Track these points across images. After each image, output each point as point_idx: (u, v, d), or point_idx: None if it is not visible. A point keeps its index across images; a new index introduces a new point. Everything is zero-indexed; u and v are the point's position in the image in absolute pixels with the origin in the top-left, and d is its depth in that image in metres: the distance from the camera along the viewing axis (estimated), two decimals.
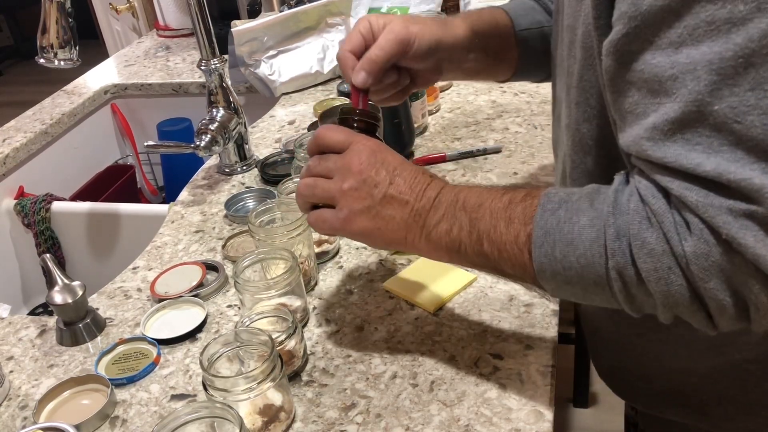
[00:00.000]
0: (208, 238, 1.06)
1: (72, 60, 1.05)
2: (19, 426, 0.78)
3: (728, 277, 0.50)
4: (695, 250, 0.50)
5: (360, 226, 0.68)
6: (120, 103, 1.73)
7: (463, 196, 0.65)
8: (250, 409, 0.70)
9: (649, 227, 0.52)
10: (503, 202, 0.62)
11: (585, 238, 0.56)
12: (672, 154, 0.50)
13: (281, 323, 0.77)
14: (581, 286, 0.58)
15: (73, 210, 1.35)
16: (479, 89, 1.40)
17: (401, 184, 0.67)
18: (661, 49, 0.50)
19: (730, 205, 0.48)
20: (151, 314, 0.90)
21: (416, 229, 0.67)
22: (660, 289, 0.52)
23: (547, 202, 0.59)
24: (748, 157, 0.47)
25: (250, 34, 1.44)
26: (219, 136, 1.16)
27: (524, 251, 0.60)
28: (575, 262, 0.56)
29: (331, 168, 0.69)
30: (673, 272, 0.51)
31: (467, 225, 0.64)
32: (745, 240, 0.48)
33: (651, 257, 0.52)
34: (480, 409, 0.72)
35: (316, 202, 0.71)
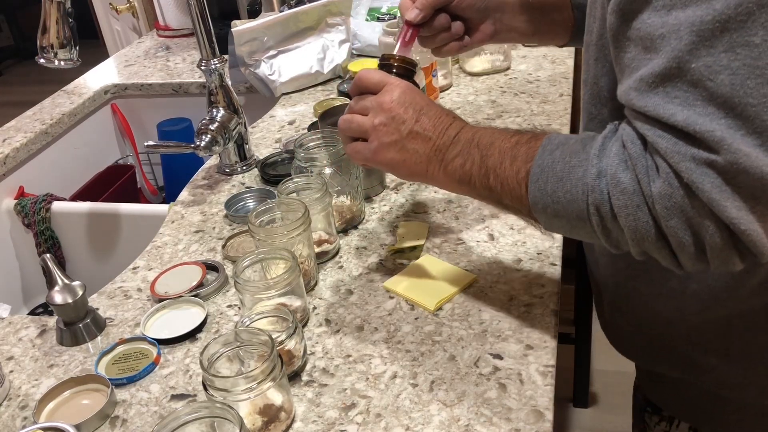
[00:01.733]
0: (208, 238, 1.06)
1: (72, 60, 1.05)
2: (19, 426, 0.78)
3: (688, 218, 0.55)
4: (660, 191, 0.55)
5: (388, 157, 0.75)
6: (120, 103, 1.73)
7: (479, 135, 0.72)
8: (250, 409, 0.70)
9: (625, 169, 0.58)
10: (511, 143, 0.69)
11: (572, 176, 0.62)
12: (652, 104, 0.55)
13: (281, 323, 0.78)
14: (567, 219, 0.64)
15: (73, 210, 1.35)
16: (479, 89, 1.40)
17: (426, 122, 0.74)
18: (656, 10, 0.55)
19: (694, 153, 0.53)
20: (151, 314, 0.90)
21: (436, 163, 0.74)
22: (629, 225, 0.58)
23: (548, 144, 0.66)
24: (717, 112, 0.52)
25: (250, 34, 1.44)
26: (219, 136, 1.16)
27: (522, 185, 0.66)
28: (562, 197, 0.63)
29: (366, 106, 0.77)
30: (641, 210, 0.57)
31: (478, 160, 0.70)
32: (703, 185, 0.53)
33: (623, 195, 0.58)
34: (480, 409, 0.72)
35: (353, 136, 0.78)
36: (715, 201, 0.53)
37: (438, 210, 1.04)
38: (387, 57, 0.84)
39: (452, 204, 1.05)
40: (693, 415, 0.84)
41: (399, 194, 1.09)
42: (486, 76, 1.45)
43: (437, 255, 0.95)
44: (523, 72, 1.46)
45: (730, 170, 0.52)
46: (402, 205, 1.06)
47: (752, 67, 0.51)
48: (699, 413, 0.84)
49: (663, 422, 0.88)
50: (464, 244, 0.96)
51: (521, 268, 0.91)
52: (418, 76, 1.20)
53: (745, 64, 0.51)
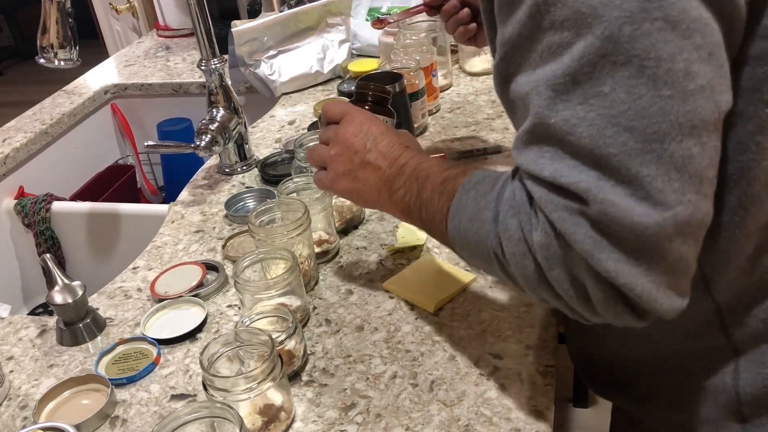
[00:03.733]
0: (208, 238, 1.06)
1: (72, 60, 1.05)
2: (19, 426, 0.78)
3: (569, 268, 0.54)
4: (540, 240, 0.55)
5: (343, 185, 0.79)
6: (120, 103, 1.73)
7: (420, 167, 0.73)
8: (250, 409, 0.70)
9: (513, 215, 0.58)
10: (442, 177, 0.70)
11: (480, 217, 0.63)
12: (526, 159, 0.56)
13: (281, 323, 0.78)
14: (480, 258, 0.65)
15: (73, 210, 1.36)
16: (479, 89, 1.40)
17: (377, 153, 0.76)
18: (525, 71, 0.56)
19: (566, 204, 0.53)
20: (151, 314, 0.90)
21: (385, 192, 0.76)
22: (519, 272, 0.59)
23: (467, 182, 0.66)
24: (582, 165, 0.52)
25: (250, 34, 1.44)
26: (219, 136, 1.16)
27: (443, 222, 0.68)
28: (472, 237, 0.64)
29: (330, 136, 0.80)
30: (527, 258, 0.57)
31: (415, 193, 0.72)
32: (575, 235, 0.52)
33: (510, 242, 0.58)
34: (480, 409, 0.72)
35: (316, 166, 0.82)
36: (589, 252, 0.52)
37: None
38: (362, 85, 0.89)
39: None
40: None
41: None
42: (486, 76, 1.45)
43: (437, 255, 0.95)
44: None
45: (601, 220, 0.51)
46: None
47: (607, 116, 0.50)
48: None
49: None
50: None
51: None
52: (418, 76, 1.21)
53: (600, 114, 0.51)
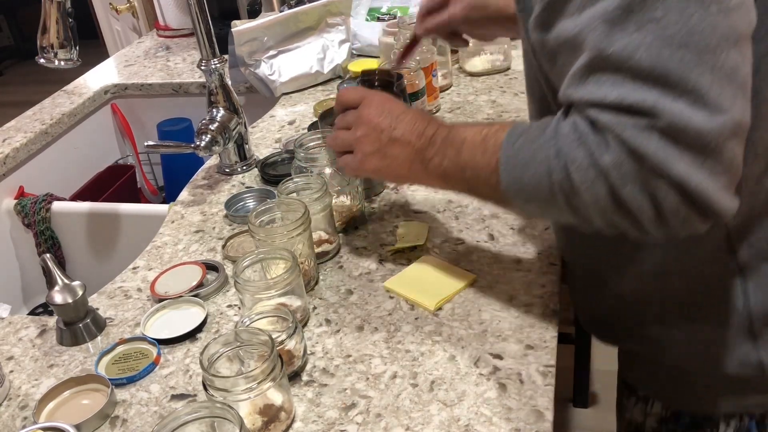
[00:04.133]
0: (208, 238, 1.06)
1: (72, 60, 1.05)
2: (19, 426, 0.78)
3: (641, 182, 0.58)
4: (612, 161, 0.59)
5: (372, 165, 0.82)
6: (120, 103, 1.73)
7: (453, 133, 0.76)
8: (250, 409, 0.70)
9: (577, 146, 0.61)
10: (481, 136, 0.72)
11: (536, 160, 0.65)
12: (587, 92, 0.60)
13: (281, 323, 0.77)
14: (537, 202, 0.67)
15: (73, 210, 1.35)
16: (479, 89, 1.40)
17: (403, 128, 0.79)
18: (569, 16, 0.61)
19: (635, 122, 0.57)
20: (151, 314, 0.90)
21: (417, 164, 0.78)
22: (590, 198, 0.61)
23: (512, 133, 0.69)
24: (644, 85, 0.57)
25: (250, 34, 1.44)
26: (219, 136, 1.16)
27: (494, 174, 0.70)
28: (529, 181, 0.66)
29: (349, 121, 0.84)
30: (598, 182, 0.60)
31: (454, 157, 0.75)
32: (648, 148, 0.57)
33: (580, 171, 0.61)
34: (480, 409, 0.72)
35: (340, 151, 0.85)
36: (661, 161, 0.56)
37: (438, 210, 1.04)
38: (367, 72, 0.96)
39: (452, 204, 1.05)
40: (664, 393, 0.87)
41: (399, 194, 1.09)
42: (486, 76, 1.45)
43: (437, 255, 0.95)
44: (523, 72, 1.45)
45: (669, 131, 0.56)
46: (402, 205, 1.06)
47: (663, 38, 0.56)
48: (670, 391, 0.86)
49: (639, 403, 0.90)
50: (464, 244, 0.96)
51: (521, 268, 0.91)
52: (418, 76, 1.21)
53: (656, 37, 0.56)
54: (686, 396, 0.84)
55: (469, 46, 1.16)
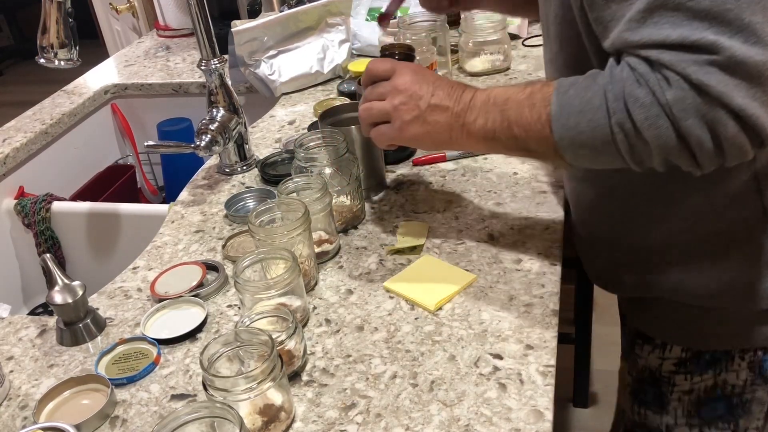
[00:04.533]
0: (208, 238, 1.06)
1: (72, 60, 1.05)
2: (19, 426, 0.78)
3: (702, 114, 0.63)
4: (675, 96, 0.63)
5: (413, 132, 0.82)
6: (120, 103, 1.73)
7: (493, 95, 0.79)
8: (250, 409, 0.70)
9: (638, 86, 0.65)
10: (526, 93, 0.75)
11: (592, 106, 0.69)
12: (647, 34, 0.64)
13: (281, 323, 0.78)
14: (592, 147, 0.70)
15: (73, 210, 1.35)
16: None
17: (441, 94, 0.81)
18: None
19: (695, 59, 0.62)
20: (151, 314, 0.90)
21: (458, 128, 0.80)
22: (652, 134, 0.65)
23: (560, 86, 0.73)
24: (703, 24, 0.61)
25: (250, 34, 1.44)
26: (219, 136, 1.16)
27: (546, 127, 0.73)
28: (586, 127, 0.69)
29: (382, 92, 0.84)
30: (660, 118, 0.64)
31: (499, 116, 0.77)
32: (710, 81, 0.61)
33: (642, 108, 0.65)
34: (480, 409, 0.72)
35: (374, 121, 0.85)
36: (723, 93, 0.61)
37: (438, 210, 1.04)
38: (387, 47, 0.94)
39: (452, 204, 1.05)
40: (683, 336, 0.91)
41: (399, 194, 1.09)
42: (486, 76, 1.45)
43: (437, 255, 0.95)
44: (523, 72, 1.46)
45: (729, 65, 0.61)
46: (402, 205, 1.06)
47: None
48: (690, 332, 0.90)
49: (656, 350, 0.93)
50: (464, 244, 0.96)
51: (521, 268, 0.91)
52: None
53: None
54: (707, 335, 0.89)
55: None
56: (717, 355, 0.89)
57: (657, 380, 0.95)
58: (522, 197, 1.04)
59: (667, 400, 0.95)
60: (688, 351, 0.91)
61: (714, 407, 0.92)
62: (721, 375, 0.90)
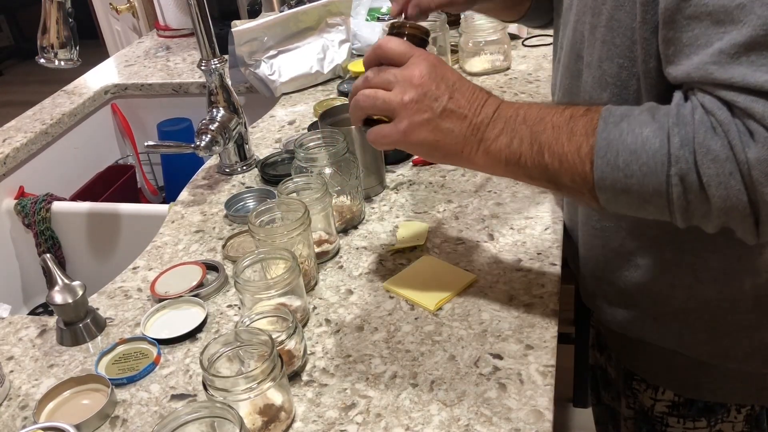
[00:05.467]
0: (208, 238, 1.06)
1: (72, 60, 1.05)
2: (19, 426, 0.78)
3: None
4: (758, 156, 0.54)
5: (420, 137, 0.69)
6: (120, 103, 1.73)
7: (523, 111, 0.67)
8: (251, 409, 0.70)
9: (714, 136, 0.55)
10: (565, 117, 0.64)
11: (649, 148, 0.59)
12: (739, 74, 0.54)
13: (281, 323, 0.78)
14: (638, 194, 0.61)
15: (73, 210, 1.35)
16: None
17: (460, 99, 0.68)
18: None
19: None
20: (151, 314, 0.90)
21: (473, 143, 0.68)
22: (720, 194, 0.56)
23: (609, 116, 0.62)
24: None
25: (250, 34, 1.44)
26: (219, 136, 1.16)
27: (586, 162, 0.62)
28: (637, 170, 0.59)
29: (391, 80, 0.69)
30: (734, 177, 0.55)
31: (528, 138, 0.66)
32: None
33: (715, 163, 0.55)
34: (480, 409, 0.72)
35: (375, 114, 0.71)
36: None
37: (438, 210, 1.04)
38: (398, 24, 0.74)
39: (452, 204, 1.05)
40: (678, 384, 0.85)
41: (399, 194, 1.09)
42: (486, 76, 1.45)
43: (437, 255, 0.95)
44: (523, 72, 1.46)
45: None
46: (402, 205, 1.06)
47: None
48: (684, 381, 0.85)
49: (649, 389, 0.88)
50: (464, 244, 0.96)
51: (521, 268, 0.91)
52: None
53: None
54: (701, 386, 0.83)
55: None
56: (711, 405, 0.84)
57: (650, 419, 0.90)
58: (522, 197, 1.04)
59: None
60: (681, 396, 0.86)
61: None
62: (716, 425, 0.85)
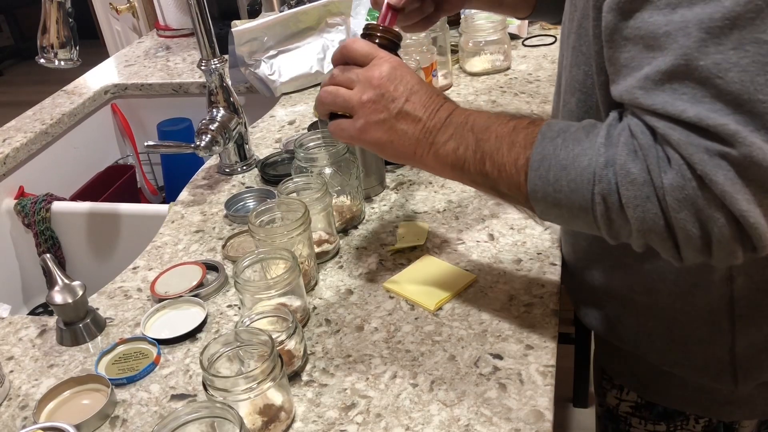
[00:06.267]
0: (208, 238, 1.06)
1: (72, 60, 1.05)
2: (19, 426, 0.78)
3: (698, 210, 0.55)
4: (672, 183, 0.55)
5: (374, 136, 0.72)
6: (120, 103, 1.73)
7: (472, 119, 0.70)
8: (251, 409, 0.70)
9: (634, 159, 0.57)
10: (509, 128, 0.67)
11: (577, 165, 0.61)
12: (660, 101, 0.55)
13: (281, 323, 0.78)
14: (568, 208, 0.63)
15: (73, 210, 1.35)
16: (479, 89, 1.40)
17: (416, 102, 0.71)
18: (659, 9, 0.55)
19: (707, 146, 0.53)
20: (151, 314, 0.90)
21: (425, 146, 0.71)
22: (637, 216, 0.58)
23: (548, 131, 0.64)
24: (726, 108, 0.53)
25: (250, 34, 1.44)
26: (219, 136, 1.16)
27: (521, 173, 0.65)
28: (566, 186, 0.62)
29: (353, 79, 0.73)
30: (650, 201, 0.57)
31: (473, 145, 0.68)
32: (716, 177, 0.53)
33: (633, 186, 0.57)
34: (480, 409, 0.72)
35: (335, 111, 0.75)
36: (728, 193, 0.53)
37: (438, 210, 1.04)
38: (371, 27, 0.78)
39: (452, 204, 1.05)
40: (640, 386, 0.88)
41: (399, 194, 1.09)
42: (486, 76, 1.45)
43: (437, 255, 0.95)
44: (523, 72, 1.46)
45: (743, 163, 0.53)
46: (402, 205, 1.06)
47: (762, 63, 0.51)
48: (645, 385, 0.87)
49: (615, 389, 0.91)
50: (464, 244, 0.96)
51: (521, 268, 0.91)
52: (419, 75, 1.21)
53: (754, 61, 0.52)
54: (661, 392, 0.85)
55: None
56: (670, 411, 0.86)
57: (616, 418, 0.92)
58: None
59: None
60: (643, 399, 0.88)
61: None
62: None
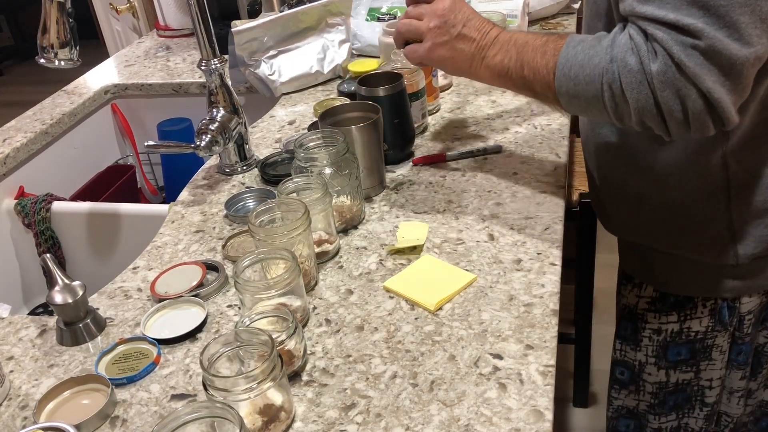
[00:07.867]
0: (208, 238, 1.06)
1: (72, 60, 1.05)
2: (19, 426, 0.78)
3: (677, 89, 0.73)
4: (658, 69, 0.73)
5: (439, 54, 0.95)
6: (120, 103, 1.73)
7: (515, 37, 0.91)
8: (251, 409, 0.70)
9: (631, 54, 0.75)
10: (542, 41, 0.87)
11: (591, 63, 0.79)
12: (650, 9, 0.73)
13: (281, 323, 0.78)
14: (584, 98, 0.81)
15: (73, 210, 1.35)
16: (479, 89, 1.40)
17: (471, 27, 0.93)
18: None
19: (683, 40, 0.71)
20: (151, 314, 0.90)
21: (479, 60, 0.93)
22: (633, 97, 0.76)
23: (570, 41, 0.83)
24: (698, 12, 0.70)
25: (250, 34, 1.44)
26: (219, 136, 1.16)
27: (551, 74, 0.84)
28: (582, 80, 0.80)
29: (422, 12, 0.96)
30: (642, 84, 0.74)
31: (515, 57, 0.89)
32: (689, 63, 0.71)
33: (630, 74, 0.75)
34: (480, 409, 0.72)
35: (409, 38, 0.98)
36: (697, 75, 0.71)
37: (438, 210, 1.04)
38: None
39: (452, 204, 1.05)
40: (655, 278, 1.04)
41: (399, 194, 1.09)
42: None
43: (437, 255, 0.95)
44: None
45: (708, 52, 0.70)
46: (402, 205, 1.07)
47: None
48: (660, 276, 1.03)
49: (635, 288, 1.07)
50: (464, 244, 0.96)
51: (521, 268, 0.91)
52: (418, 76, 1.22)
53: None
54: (674, 280, 1.01)
55: None
56: (680, 300, 1.02)
57: (634, 316, 1.08)
58: (522, 197, 1.04)
59: (640, 336, 1.07)
60: (658, 291, 1.04)
61: (678, 351, 1.05)
62: (686, 322, 1.02)
